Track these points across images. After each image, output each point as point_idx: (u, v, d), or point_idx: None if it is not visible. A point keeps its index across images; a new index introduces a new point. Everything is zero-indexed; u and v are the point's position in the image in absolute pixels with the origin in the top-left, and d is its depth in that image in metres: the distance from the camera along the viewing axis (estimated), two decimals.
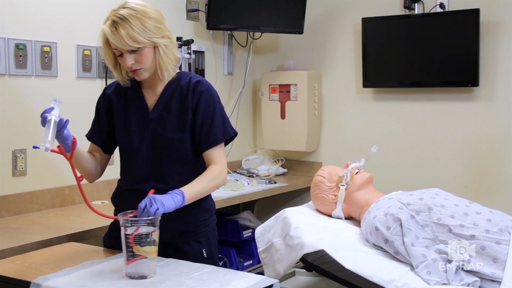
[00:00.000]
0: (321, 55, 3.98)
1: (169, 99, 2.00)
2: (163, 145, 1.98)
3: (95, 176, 2.11)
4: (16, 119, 2.68)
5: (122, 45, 1.85)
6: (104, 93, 2.11)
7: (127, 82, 2.02)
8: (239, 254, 3.53)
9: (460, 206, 2.19)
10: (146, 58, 1.90)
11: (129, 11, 1.86)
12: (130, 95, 2.04)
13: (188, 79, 2.02)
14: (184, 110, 1.99)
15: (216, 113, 2.01)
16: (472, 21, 3.31)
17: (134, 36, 1.84)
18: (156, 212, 1.71)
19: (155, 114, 2.00)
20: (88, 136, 2.12)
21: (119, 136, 2.05)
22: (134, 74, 1.94)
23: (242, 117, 4.06)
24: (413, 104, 3.65)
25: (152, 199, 1.73)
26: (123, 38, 1.83)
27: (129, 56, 1.88)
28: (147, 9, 1.90)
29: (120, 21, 1.84)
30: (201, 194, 1.93)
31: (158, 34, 1.90)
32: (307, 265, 2.30)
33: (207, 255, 2.06)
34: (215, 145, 1.99)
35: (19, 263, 1.88)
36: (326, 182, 2.56)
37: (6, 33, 2.62)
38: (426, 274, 2.00)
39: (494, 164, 3.39)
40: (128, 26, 1.84)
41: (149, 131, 1.99)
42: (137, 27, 1.84)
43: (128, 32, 1.83)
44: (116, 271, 1.75)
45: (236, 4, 3.68)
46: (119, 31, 1.83)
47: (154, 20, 1.89)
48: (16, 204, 2.64)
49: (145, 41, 1.86)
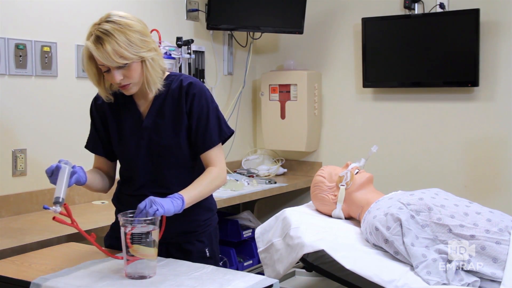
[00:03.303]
0: (321, 55, 3.98)
1: (161, 105, 1.98)
2: (160, 151, 1.97)
3: (107, 189, 2.10)
4: (16, 119, 2.68)
5: (109, 62, 1.79)
6: (95, 103, 2.07)
7: (111, 98, 1.97)
8: (239, 254, 3.54)
9: (460, 206, 2.19)
10: (135, 73, 1.85)
11: (113, 26, 1.80)
12: (122, 103, 2.01)
13: (179, 82, 1.99)
14: (178, 115, 1.97)
15: (211, 114, 1.98)
16: (472, 21, 3.31)
17: (121, 51, 1.78)
18: (156, 212, 1.70)
19: (149, 122, 1.98)
20: (91, 148, 2.09)
21: (116, 145, 2.03)
22: (123, 89, 1.90)
23: (242, 117, 4.06)
24: (413, 104, 3.65)
25: (153, 201, 1.73)
26: (110, 55, 1.78)
27: (117, 72, 1.83)
28: (131, 21, 1.84)
29: (105, 37, 1.78)
30: (201, 197, 1.93)
31: (145, 48, 1.84)
32: (307, 265, 2.30)
33: (209, 254, 2.06)
34: (212, 147, 1.98)
35: (19, 263, 1.88)
36: (326, 182, 2.56)
37: (6, 33, 2.62)
38: (426, 274, 1.99)
39: (494, 164, 3.39)
40: (114, 41, 1.78)
41: (145, 139, 1.97)
42: (123, 42, 1.79)
43: (114, 48, 1.78)
44: (116, 271, 1.75)
45: (236, 4, 3.68)
46: (104, 47, 1.78)
47: (139, 33, 1.83)
48: (16, 204, 2.64)
49: (132, 57, 1.81)
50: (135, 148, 1.98)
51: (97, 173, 2.04)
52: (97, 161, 2.10)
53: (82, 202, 2.92)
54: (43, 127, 2.78)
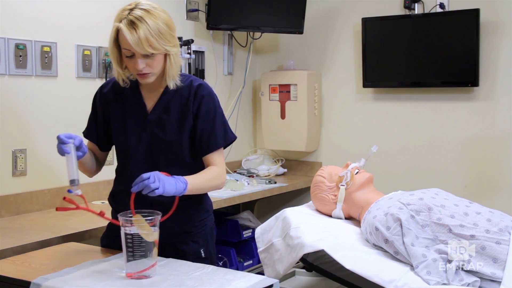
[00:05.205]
0: (321, 55, 3.98)
1: (168, 102, 1.99)
2: (161, 147, 1.98)
3: (95, 173, 2.11)
4: (16, 119, 2.68)
5: (138, 47, 1.81)
6: (101, 91, 2.09)
7: (127, 81, 2.00)
8: (239, 254, 3.53)
9: (460, 206, 2.19)
10: (158, 64, 1.89)
11: (147, 14, 1.82)
12: (128, 95, 2.03)
13: (189, 82, 2.01)
14: (184, 113, 1.98)
15: (217, 118, 2.01)
16: (472, 21, 3.31)
17: (151, 41, 1.81)
18: (154, 191, 1.71)
19: (154, 116, 1.99)
20: (85, 133, 2.11)
21: (116, 136, 2.03)
22: (141, 77, 1.91)
23: (242, 117, 4.06)
24: (413, 104, 3.65)
25: (157, 177, 1.73)
26: (141, 41, 1.80)
27: (141, 59, 1.85)
28: (163, 14, 1.87)
29: (139, 23, 1.80)
30: (200, 190, 1.94)
31: (171, 43, 1.88)
32: (307, 265, 2.29)
33: (205, 255, 2.06)
34: (216, 149, 2.00)
35: (19, 263, 1.88)
36: (326, 182, 2.56)
37: (6, 33, 2.62)
38: (426, 274, 2.00)
39: (494, 164, 3.39)
40: (147, 29, 1.80)
41: (147, 133, 1.98)
42: (155, 32, 1.82)
43: (146, 35, 1.80)
44: (116, 271, 1.75)
45: (236, 4, 3.68)
46: (138, 32, 1.80)
47: (168, 27, 1.87)
48: (16, 204, 2.64)
49: (160, 48, 1.84)
50: (137, 141, 1.99)
51: (89, 151, 2.05)
52: (88, 146, 2.10)
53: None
54: (43, 127, 2.78)
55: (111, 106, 2.04)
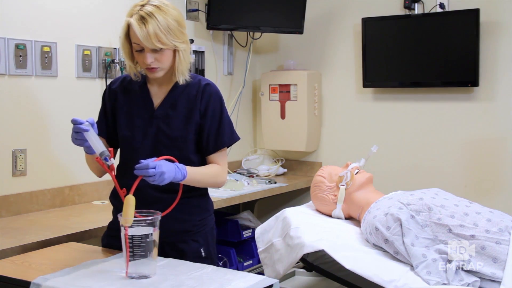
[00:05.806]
0: (321, 55, 3.98)
1: (176, 98, 2.02)
2: (166, 142, 1.99)
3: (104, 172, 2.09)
4: (16, 119, 2.68)
5: (147, 42, 1.87)
6: (110, 87, 2.12)
7: (138, 75, 2.04)
8: (239, 254, 3.53)
9: (460, 206, 2.19)
10: (167, 59, 1.93)
11: (157, 10, 1.88)
12: (136, 91, 2.06)
13: (197, 80, 2.05)
14: (191, 111, 2.01)
15: (224, 117, 2.05)
16: (472, 21, 3.31)
17: (160, 36, 1.86)
18: (151, 177, 1.74)
19: (161, 112, 2.01)
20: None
21: (122, 131, 2.05)
22: (150, 71, 1.96)
23: (242, 117, 4.06)
24: (413, 104, 3.65)
25: (159, 164, 1.76)
26: (150, 36, 1.86)
27: (150, 54, 1.90)
28: (173, 10, 1.92)
29: (149, 18, 1.86)
30: (198, 183, 1.97)
31: (180, 39, 1.93)
32: (307, 265, 2.30)
33: (205, 255, 2.06)
34: (222, 148, 2.04)
35: (19, 263, 1.88)
36: (326, 182, 2.56)
37: (6, 33, 2.62)
38: (426, 274, 2.00)
39: (494, 164, 3.39)
40: (156, 24, 1.86)
41: (153, 128, 2.00)
42: (164, 27, 1.87)
43: (155, 30, 1.85)
44: (116, 271, 1.74)
45: (236, 4, 3.68)
46: (147, 27, 1.85)
47: (178, 23, 1.92)
48: (16, 204, 2.64)
49: (168, 44, 1.89)
50: (142, 136, 2.01)
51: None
52: None
53: (82, 202, 2.93)
54: (43, 127, 2.78)
55: (119, 102, 2.07)
